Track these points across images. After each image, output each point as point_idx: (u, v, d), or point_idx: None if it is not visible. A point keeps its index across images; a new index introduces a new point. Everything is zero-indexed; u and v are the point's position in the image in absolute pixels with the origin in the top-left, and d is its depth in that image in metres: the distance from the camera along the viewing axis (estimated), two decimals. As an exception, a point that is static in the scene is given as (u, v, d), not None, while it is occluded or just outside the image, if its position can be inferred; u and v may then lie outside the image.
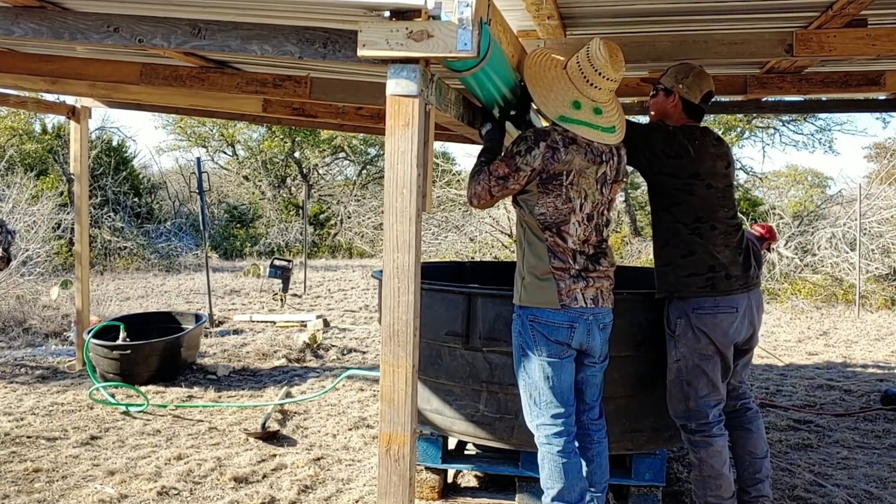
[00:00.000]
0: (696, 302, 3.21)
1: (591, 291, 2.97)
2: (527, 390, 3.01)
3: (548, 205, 2.89)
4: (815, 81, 4.87)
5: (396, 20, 2.34)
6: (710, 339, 3.19)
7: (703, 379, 3.23)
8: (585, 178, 2.93)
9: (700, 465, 3.29)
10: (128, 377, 5.71)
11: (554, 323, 2.91)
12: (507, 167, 2.89)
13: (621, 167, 3.07)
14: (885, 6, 3.43)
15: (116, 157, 16.69)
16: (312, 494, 3.78)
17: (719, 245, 3.23)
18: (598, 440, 3.12)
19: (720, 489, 3.27)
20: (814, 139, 17.72)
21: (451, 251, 15.18)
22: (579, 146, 2.90)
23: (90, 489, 3.74)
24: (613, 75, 2.91)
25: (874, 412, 5.45)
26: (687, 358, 3.23)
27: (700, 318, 3.20)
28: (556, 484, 2.98)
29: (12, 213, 10.74)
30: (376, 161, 20.93)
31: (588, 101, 2.94)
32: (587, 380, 3.09)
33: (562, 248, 2.92)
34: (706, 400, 3.24)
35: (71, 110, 6.35)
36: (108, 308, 9.35)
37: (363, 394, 5.70)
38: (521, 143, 2.90)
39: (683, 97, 3.34)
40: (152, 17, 2.68)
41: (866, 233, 11.96)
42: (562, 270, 2.92)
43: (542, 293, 2.93)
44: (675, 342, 3.27)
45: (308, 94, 4.72)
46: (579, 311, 2.93)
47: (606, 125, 2.96)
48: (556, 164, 2.86)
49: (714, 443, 3.25)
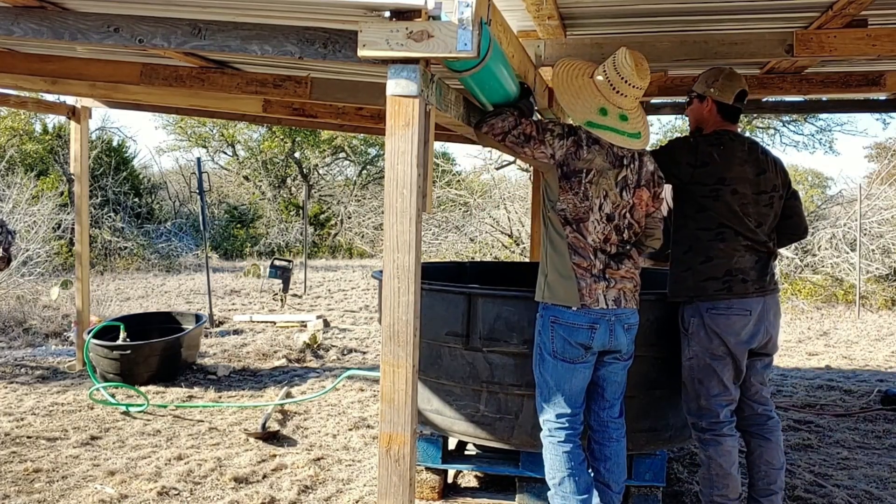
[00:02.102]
0: (710, 303, 3.24)
1: (614, 293, 2.98)
2: (539, 385, 3.07)
3: (567, 201, 2.95)
4: (815, 82, 4.87)
5: (396, 20, 2.34)
6: (721, 339, 3.21)
7: (714, 378, 3.25)
8: (606, 178, 2.97)
9: (709, 464, 3.29)
10: (128, 377, 5.71)
11: (575, 324, 2.94)
12: (536, 132, 2.95)
13: (644, 172, 3.06)
14: (885, 6, 3.43)
15: (117, 157, 16.70)
16: (312, 495, 3.78)
17: (740, 250, 3.26)
18: (616, 438, 3.12)
19: (727, 489, 3.27)
20: (814, 139, 17.72)
21: (452, 251, 15.17)
22: (601, 147, 2.97)
23: (90, 489, 3.74)
24: (639, 83, 2.97)
25: (874, 412, 5.45)
26: (699, 357, 3.26)
27: (713, 319, 3.22)
28: (558, 474, 3.00)
29: (12, 213, 10.74)
30: (376, 161, 20.93)
31: (614, 108, 3.00)
32: (608, 377, 3.09)
33: (582, 245, 2.96)
34: (717, 399, 3.26)
35: (71, 110, 6.35)
36: (109, 308, 9.35)
37: (363, 394, 5.70)
38: (556, 127, 2.99)
39: (717, 100, 3.36)
40: (152, 18, 2.68)
41: (866, 233, 11.96)
42: (582, 269, 2.95)
43: (563, 290, 2.96)
44: (688, 341, 3.30)
45: (308, 95, 4.72)
46: (601, 313, 2.94)
47: (632, 131, 3.01)
48: (577, 161, 2.93)
49: (724, 442, 3.26)
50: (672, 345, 3.40)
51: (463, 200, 16.51)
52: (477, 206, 15.87)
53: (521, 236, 13.73)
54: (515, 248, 13.77)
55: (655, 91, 4.97)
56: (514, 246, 13.81)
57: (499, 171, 16.92)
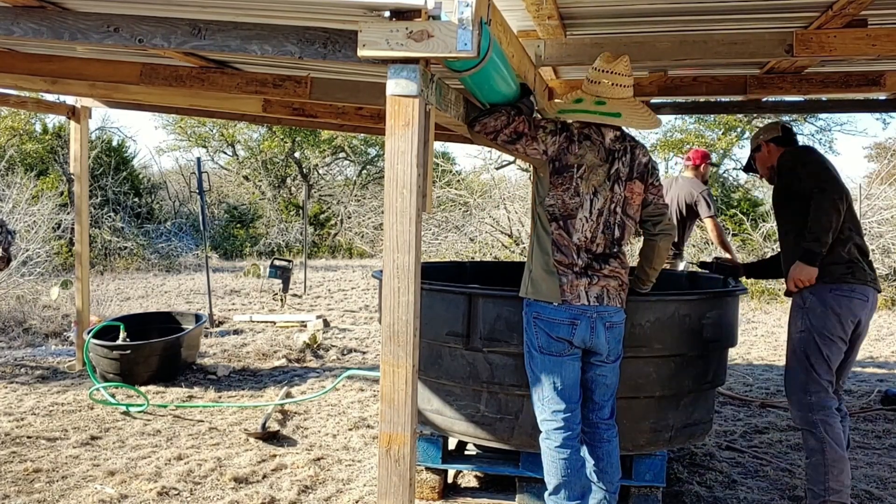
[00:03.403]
0: (835, 285, 3.41)
1: (596, 290, 3.00)
2: (531, 383, 3.10)
3: (557, 197, 2.99)
4: (815, 82, 4.87)
5: (396, 20, 2.34)
6: (839, 319, 3.37)
7: (821, 355, 3.39)
8: (596, 174, 3.01)
9: (822, 448, 3.30)
10: (128, 377, 5.71)
11: (555, 319, 2.97)
12: (528, 129, 3.01)
13: (636, 165, 3.09)
14: (885, 6, 3.43)
15: (116, 157, 16.68)
16: (312, 495, 3.78)
17: (857, 244, 3.50)
18: (607, 439, 3.13)
19: (842, 474, 3.27)
20: (814, 139, 17.71)
21: (451, 251, 15.16)
22: (592, 143, 3.01)
23: (90, 489, 3.74)
24: (606, 66, 3.06)
25: (874, 412, 5.45)
26: (811, 330, 3.41)
27: (836, 299, 3.39)
28: (553, 480, 3.02)
29: (12, 213, 10.73)
30: (376, 161, 20.91)
31: (590, 97, 3.08)
32: (595, 379, 3.10)
33: (566, 243, 2.99)
34: (823, 375, 3.39)
35: (71, 110, 6.35)
36: (109, 308, 9.35)
37: (363, 394, 5.70)
38: (549, 124, 3.05)
39: (770, 140, 3.80)
40: (152, 17, 2.68)
41: (866, 233, 11.96)
42: (565, 266, 2.98)
43: (545, 286, 3.00)
44: (803, 313, 3.45)
45: (308, 95, 4.72)
46: (581, 309, 2.97)
47: (609, 111, 3.05)
48: (569, 156, 2.98)
49: (835, 423, 3.34)
50: (675, 345, 3.40)
51: (463, 200, 16.50)
52: (477, 206, 15.86)
53: (521, 236, 13.73)
54: (515, 248, 13.76)
55: (655, 91, 4.97)
56: (514, 246, 13.81)
57: (499, 171, 16.94)
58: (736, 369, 6.77)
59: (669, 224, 3.21)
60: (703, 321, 3.47)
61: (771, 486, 3.99)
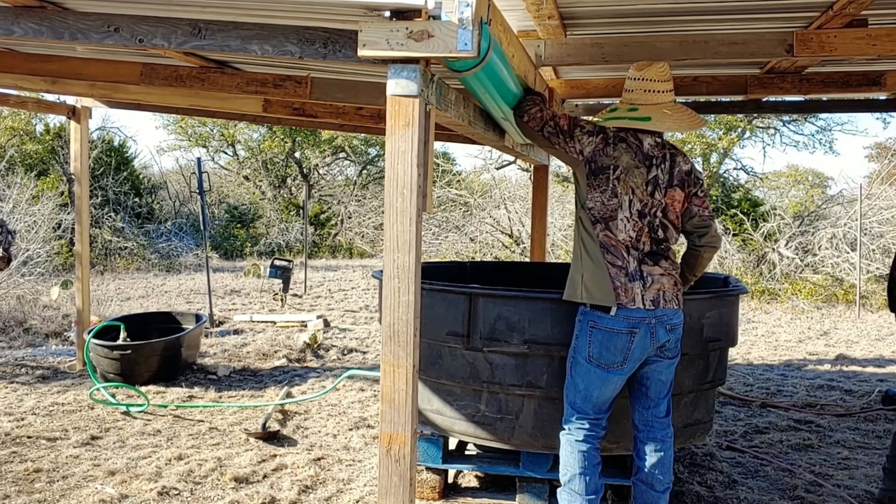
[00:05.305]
0: None
1: (651, 293, 2.94)
2: (567, 386, 3.08)
3: (595, 199, 2.98)
4: (815, 81, 4.88)
5: (396, 20, 2.34)
6: None
7: None
8: (633, 177, 2.99)
9: None
10: (128, 377, 5.71)
11: (613, 329, 2.92)
12: (568, 126, 3.05)
13: (675, 172, 3.04)
14: (885, 6, 3.43)
15: (117, 157, 16.69)
16: (313, 495, 3.78)
17: None
18: (661, 438, 3.08)
19: None
20: (814, 139, 17.71)
21: (452, 251, 15.16)
22: (628, 146, 3.01)
23: (91, 489, 3.74)
24: (637, 74, 3.07)
25: (875, 412, 5.45)
26: None
27: None
28: (570, 471, 3.01)
29: (12, 213, 10.74)
30: (377, 161, 20.92)
31: (624, 106, 3.10)
32: (651, 375, 3.05)
33: (613, 243, 2.96)
34: None
35: (71, 110, 6.35)
36: (109, 308, 9.35)
37: (363, 394, 5.70)
38: (586, 124, 3.07)
39: None
40: (152, 17, 2.68)
41: (867, 233, 11.96)
42: (616, 267, 2.94)
43: (598, 290, 2.94)
44: None
45: (308, 94, 4.73)
46: (639, 316, 2.91)
47: (639, 116, 3.05)
48: (604, 158, 2.98)
49: None
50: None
51: (463, 200, 16.50)
52: (477, 205, 15.87)
53: (521, 236, 13.73)
54: (516, 248, 13.76)
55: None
56: (515, 246, 13.81)
57: (499, 171, 16.95)
58: (736, 369, 6.77)
59: (716, 236, 3.16)
60: (703, 321, 3.46)
61: (771, 486, 3.99)
